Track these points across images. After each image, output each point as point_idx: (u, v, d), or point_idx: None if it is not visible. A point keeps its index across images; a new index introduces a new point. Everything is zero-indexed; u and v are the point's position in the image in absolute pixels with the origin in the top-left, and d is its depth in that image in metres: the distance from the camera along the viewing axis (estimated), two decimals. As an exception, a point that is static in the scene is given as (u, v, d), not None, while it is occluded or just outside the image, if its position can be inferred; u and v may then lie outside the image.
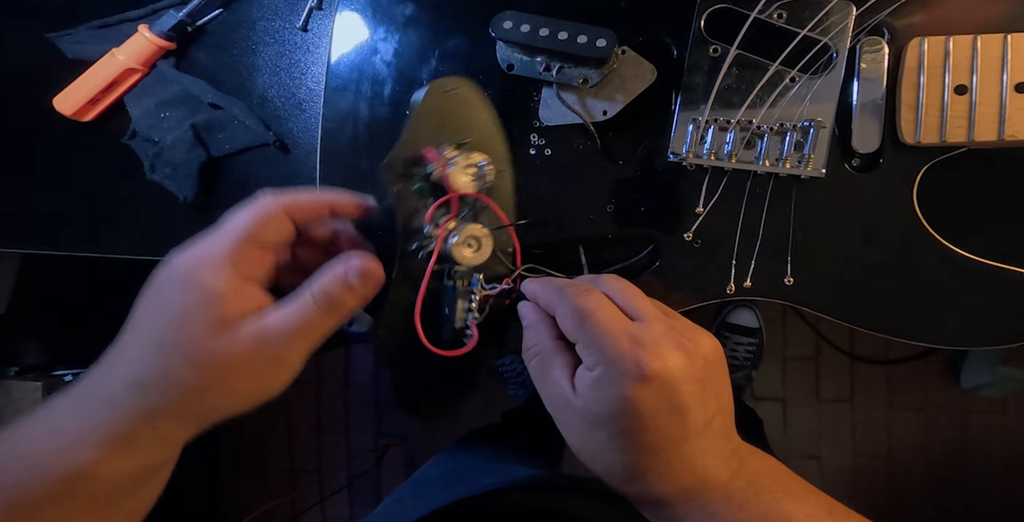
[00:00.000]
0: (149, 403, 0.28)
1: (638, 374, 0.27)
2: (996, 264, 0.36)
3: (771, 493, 0.29)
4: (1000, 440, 1.33)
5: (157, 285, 0.29)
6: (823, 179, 0.37)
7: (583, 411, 0.29)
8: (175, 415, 0.29)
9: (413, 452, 1.53)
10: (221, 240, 0.29)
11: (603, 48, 0.36)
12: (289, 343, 0.29)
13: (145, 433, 0.28)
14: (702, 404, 0.29)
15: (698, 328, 0.31)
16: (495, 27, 0.37)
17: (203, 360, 0.28)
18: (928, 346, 0.37)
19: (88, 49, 0.49)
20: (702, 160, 0.37)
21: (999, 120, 0.35)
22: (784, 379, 1.38)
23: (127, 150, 0.50)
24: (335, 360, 1.54)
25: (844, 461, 1.38)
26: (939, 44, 0.35)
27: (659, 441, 0.28)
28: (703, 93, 0.37)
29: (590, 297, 0.30)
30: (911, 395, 1.35)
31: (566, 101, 0.38)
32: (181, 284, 0.28)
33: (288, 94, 0.49)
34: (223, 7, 0.48)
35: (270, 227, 0.30)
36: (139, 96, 0.49)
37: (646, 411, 0.28)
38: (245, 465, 1.59)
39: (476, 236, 0.35)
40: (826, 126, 0.36)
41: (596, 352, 0.29)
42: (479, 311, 0.36)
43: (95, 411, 0.28)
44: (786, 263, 0.38)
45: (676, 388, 0.28)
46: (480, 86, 0.37)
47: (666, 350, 0.28)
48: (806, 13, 0.36)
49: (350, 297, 0.30)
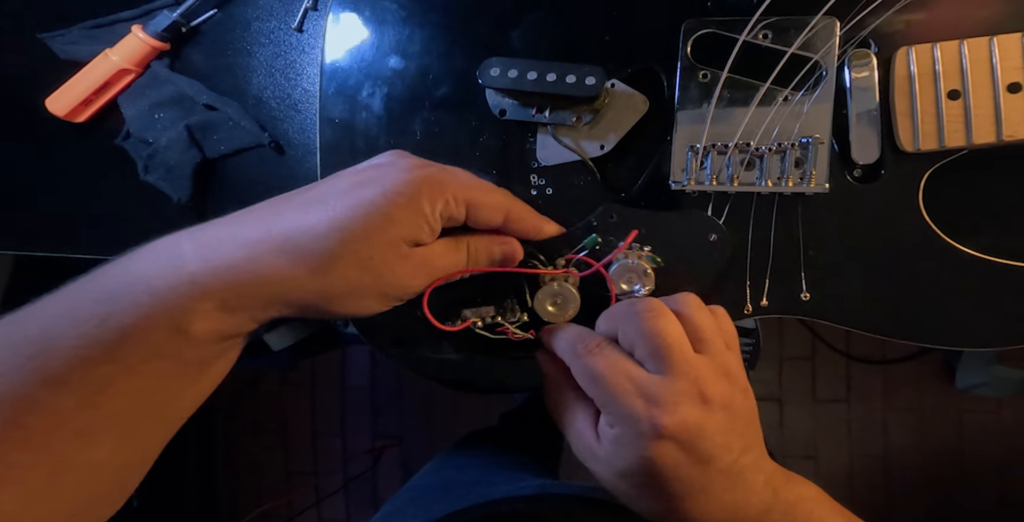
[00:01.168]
0: (294, 276, 0.27)
1: (655, 435, 0.28)
2: (1010, 262, 0.36)
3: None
4: (995, 439, 1.33)
5: (389, 181, 0.29)
6: (828, 194, 0.37)
7: (607, 463, 0.30)
8: (299, 296, 0.28)
9: (409, 453, 1.53)
10: (462, 189, 0.31)
11: (593, 86, 0.35)
12: (428, 276, 0.31)
13: (258, 301, 0.27)
14: (726, 449, 0.29)
15: (727, 371, 0.30)
16: (483, 75, 0.37)
17: (374, 264, 0.28)
18: (945, 348, 0.37)
19: (81, 50, 0.48)
20: (704, 186, 0.37)
21: (996, 121, 0.35)
22: (780, 379, 1.39)
23: (121, 151, 0.49)
24: (331, 362, 1.53)
25: (840, 461, 1.38)
26: (927, 51, 0.35)
27: (685, 489, 0.29)
28: (698, 118, 0.37)
29: (600, 357, 0.30)
30: (907, 395, 1.35)
31: (562, 141, 0.38)
32: (412, 202, 0.29)
33: (283, 95, 0.48)
34: (218, 8, 0.48)
35: (489, 206, 0.32)
36: (133, 97, 0.49)
37: (668, 467, 0.28)
38: (241, 467, 1.58)
39: (566, 297, 0.36)
40: (824, 141, 0.36)
41: (612, 413, 0.29)
42: (488, 329, 0.38)
43: (229, 257, 0.27)
44: (800, 280, 0.38)
45: (697, 442, 0.28)
46: (475, 132, 0.38)
47: (683, 407, 0.28)
48: (791, 31, 0.35)
49: (484, 264, 0.34)
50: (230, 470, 1.58)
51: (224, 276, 0.26)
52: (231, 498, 1.58)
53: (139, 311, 0.25)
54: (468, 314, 0.37)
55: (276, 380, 1.56)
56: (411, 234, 0.29)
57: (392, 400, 1.53)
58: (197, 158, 0.48)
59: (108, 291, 0.26)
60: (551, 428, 0.32)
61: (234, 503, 1.57)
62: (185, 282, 0.26)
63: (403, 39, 0.40)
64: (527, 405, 1.22)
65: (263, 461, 1.57)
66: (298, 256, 0.27)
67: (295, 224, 0.28)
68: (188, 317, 0.26)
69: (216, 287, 0.26)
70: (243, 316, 0.28)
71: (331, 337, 1.38)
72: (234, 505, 1.56)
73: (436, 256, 0.31)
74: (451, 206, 0.30)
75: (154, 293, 0.26)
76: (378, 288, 0.29)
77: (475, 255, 0.33)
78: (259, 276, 0.27)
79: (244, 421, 1.58)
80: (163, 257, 0.27)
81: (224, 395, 1.56)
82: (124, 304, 0.25)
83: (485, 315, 0.37)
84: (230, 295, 0.27)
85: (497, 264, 0.34)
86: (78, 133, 0.50)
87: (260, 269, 0.27)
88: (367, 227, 0.28)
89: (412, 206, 0.29)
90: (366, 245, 0.28)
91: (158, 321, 0.26)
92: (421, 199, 0.29)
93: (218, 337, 0.27)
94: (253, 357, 1.24)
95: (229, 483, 1.58)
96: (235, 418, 1.58)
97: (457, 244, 0.33)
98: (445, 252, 0.32)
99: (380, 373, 1.53)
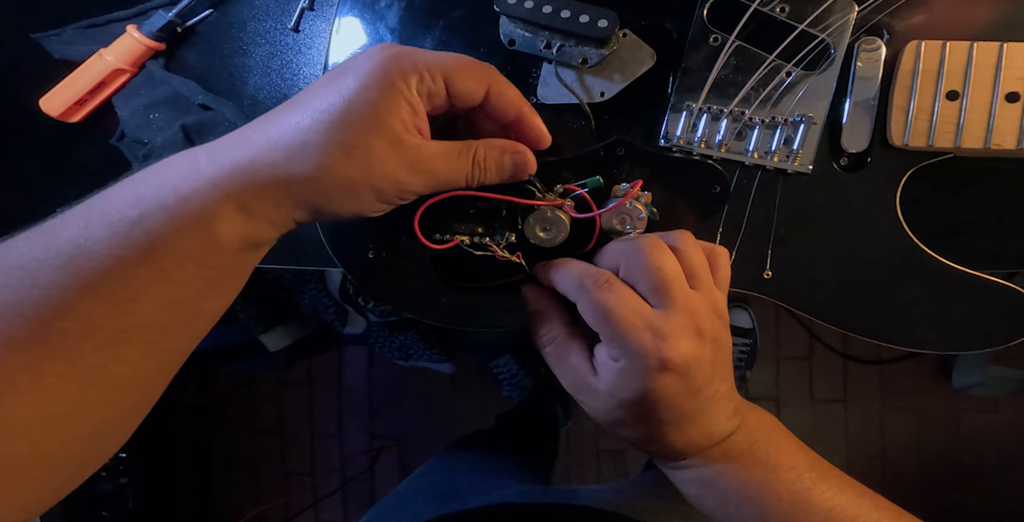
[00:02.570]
0: (289, 170, 0.28)
1: (660, 367, 0.30)
2: (970, 271, 0.37)
3: (764, 446, 0.33)
4: (991, 439, 1.33)
5: (362, 67, 0.29)
6: (809, 176, 0.37)
7: (607, 395, 0.32)
8: (301, 193, 0.28)
9: (407, 454, 1.53)
10: (436, 61, 0.30)
11: (604, 28, 0.36)
12: (425, 175, 0.30)
13: (270, 201, 0.28)
14: (712, 378, 0.32)
15: (715, 307, 0.32)
16: (499, 2, 0.37)
17: (359, 153, 0.28)
18: (893, 347, 0.38)
19: (75, 49, 0.48)
20: (692, 147, 0.38)
21: (987, 128, 0.35)
22: (778, 379, 1.39)
23: (116, 152, 0.49)
24: (328, 362, 1.53)
25: (837, 461, 1.38)
26: (936, 48, 0.35)
27: (676, 416, 0.31)
28: (699, 80, 0.37)
29: (611, 292, 0.31)
30: (904, 395, 1.36)
31: (564, 80, 0.39)
32: (383, 80, 0.28)
33: (279, 95, 0.48)
34: (213, 7, 0.48)
35: (466, 76, 0.30)
36: (128, 97, 0.48)
37: (666, 396, 0.31)
38: (238, 468, 1.58)
39: (558, 225, 0.36)
40: (817, 123, 0.36)
41: (619, 347, 0.31)
42: (474, 247, 0.37)
43: (237, 158, 0.27)
44: (766, 257, 0.38)
45: (693, 373, 0.31)
46: (481, 59, 0.37)
47: (684, 341, 0.30)
48: (808, 9, 0.36)
49: (493, 174, 0.33)
50: (227, 471, 1.58)
51: (237, 176, 0.27)
52: (228, 499, 1.57)
53: (168, 213, 0.26)
54: (459, 228, 0.37)
55: (273, 381, 1.56)
56: (392, 116, 0.29)
57: (389, 401, 1.53)
58: (192, 158, 0.48)
59: (137, 195, 0.26)
60: (545, 431, 0.32)
61: (231, 504, 1.56)
62: (206, 186, 0.27)
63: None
64: (523, 406, 1.22)
65: (260, 462, 1.57)
66: (289, 151, 0.28)
67: (284, 122, 0.28)
68: (214, 219, 0.27)
69: (232, 188, 0.27)
70: (261, 220, 0.28)
71: (328, 338, 1.38)
72: (231, 506, 1.56)
73: (434, 155, 0.31)
74: (427, 80, 0.29)
75: (180, 196, 0.26)
76: (369, 181, 0.29)
77: (482, 162, 0.32)
78: (262, 174, 0.27)
79: (241, 422, 1.57)
80: (183, 166, 0.28)
81: (220, 396, 1.56)
82: (153, 206, 0.26)
83: (474, 232, 0.37)
84: (246, 195, 0.27)
85: (507, 174, 0.34)
86: (72, 133, 0.49)
87: (261, 168, 0.27)
88: (346, 115, 0.28)
89: (385, 86, 0.28)
90: (348, 133, 0.28)
91: (187, 222, 0.26)
92: (393, 77, 0.28)
93: (242, 243, 0.28)
94: (250, 358, 1.24)
95: (226, 484, 1.58)
96: (232, 419, 1.58)
97: (462, 148, 0.32)
98: (446, 153, 0.31)
99: (377, 374, 1.53)
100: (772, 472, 0.33)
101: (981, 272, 0.37)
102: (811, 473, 0.33)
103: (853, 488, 0.33)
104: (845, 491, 0.33)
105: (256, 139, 0.28)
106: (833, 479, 0.33)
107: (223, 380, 1.56)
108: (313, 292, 1.21)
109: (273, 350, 1.20)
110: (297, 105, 0.29)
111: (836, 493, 0.32)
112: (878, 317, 0.38)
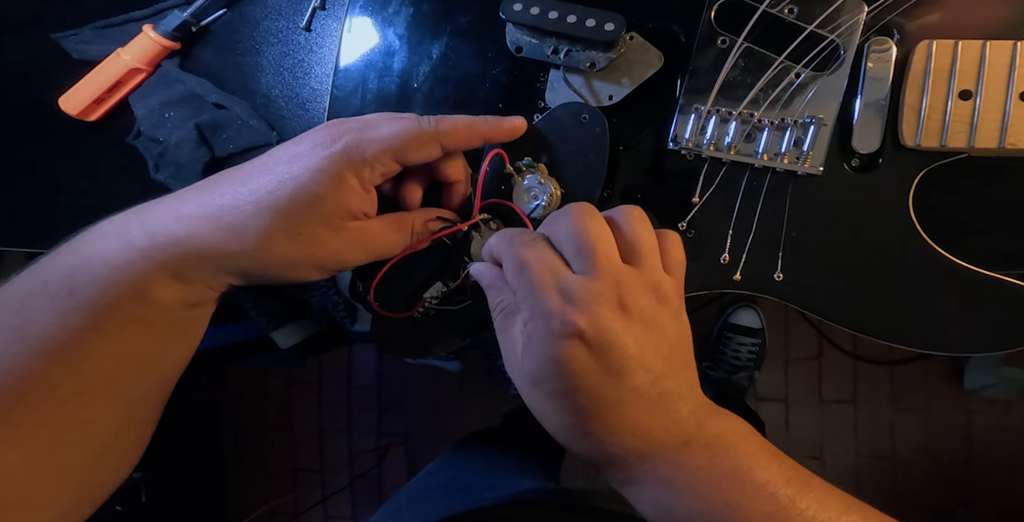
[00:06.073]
0: (227, 248, 0.28)
1: (565, 332, 0.27)
2: (984, 271, 0.36)
3: (731, 459, 0.28)
4: (1003, 441, 1.32)
5: (314, 158, 0.29)
6: (820, 177, 0.37)
7: (522, 369, 0.29)
8: (239, 266, 0.29)
9: (415, 451, 1.53)
10: (387, 145, 0.30)
11: (611, 32, 0.36)
12: (366, 252, 0.32)
13: (206, 272, 0.29)
14: (642, 365, 0.27)
15: (656, 287, 0.29)
16: (505, 9, 0.37)
17: (304, 240, 0.29)
18: (906, 349, 0.38)
19: (93, 49, 0.49)
20: (701, 150, 0.38)
21: (1001, 128, 0.34)
22: (787, 380, 1.38)
23: (132, 149, 0.50)
24: (337, 360, 1.54)
25: (847, 462, 1.37)
26: (947, 47, 0.35)
27: (593, 403, 0.27)
28: (708, 83, 0.37)
29: (532, 248, 0.29)
30: (914, 396, 1.35)
31: (572, 84, 0.39)
32: (335, 176, 0.29)
33: (291, 94, 0.49)
34: (227, 7, 0.48)
35: (418, 149, 0.31)
36: (143, 96, 0.49)
37: (575, 371, 0.27)
38: (248, 464, 1.59)
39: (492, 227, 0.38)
40: (827, 124, 0.36)
41: (528, 307, 0.28)
42: (443, 302, 0.38)
43: (172, 233, 0.28)
44: (777, 259, 0.38)
45: (608, 348, 0.27)
46: (488, 65, 0.37)
47: (597, 308, 0.27)
48: (817, 10, 0.35)
49: (426, 239, 0.36)
50: (238, 467, 1.59)
51: (170, 250, 0.28)
52: (238, 495, 1.59)
53: (102, 284, 0.27)
54: (426, 295, 0.38)
55: (283, 378, 1.57)
56: (340, 209, 0.29)
57: (398, 398, 1.53)
58: (207, 157, 0.49)
59: (71, 267, 0.27)
60: None
61: (241, 500, 1.58)
62: (137, 257, 0.28)
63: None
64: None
65: (270, 458, 1.58)
66: (230, 232, 0.28)
67: (227, 201, 0.29)
68: (148, 286, 0.28)
69: (165, 260, 0.28)
70: (199, 285, 0.29)
71: (338, 335, 1.39)
72: (241, 502, 1.57)
73: (376, 234, 0.32)
74: (378, 169, 0.30)
75: (111, 267, 0.27)
76: (312, 261, 0.30)
77: (419, 233, 0.34)
78: (199, 250, 0.28)
79: (252, 418, 1.59)
80: (113, 237, 0.28)
81: (232, 392, 1.58)
82: (86, 279, 0.27)
83: (438, 291, 0.38)
84: (180, 267, 0.28)
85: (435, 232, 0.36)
86: (90, 132, 0.50)
87: (199, 244, 0.28)
88: (293, 206, 0.28)
89: (336, 181, 0.29)
90: (294, 222, 0.29)
91: (121, 290, 0.27)
92: (344, 174, 0.29)
93: (182, 304, 0.29)
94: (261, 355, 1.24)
95: (237, 480, 1.59)
96: (243, 415, 1.59)
97: (400, 223, 0.33)
98: (386, 230, 0.33)
99: (387, 371, 1.54)
100: (740, 491, 0.28)
101: (995, 273, 0.36)
102: (788, 489, 0.28)
103: (838, 502, 0.29)
104: (828, 507, 0.28)
105: (195, 214, 0.28)
106: (814, 493, 0.28)
107: (234, 377, 1.57)
108: (323, 290, 1.22)
109: (284, 347, 1.21)
110: (245, 181, 0.29)
111: (818, 510, 0.28)
112: (890, 319, 0.37)
